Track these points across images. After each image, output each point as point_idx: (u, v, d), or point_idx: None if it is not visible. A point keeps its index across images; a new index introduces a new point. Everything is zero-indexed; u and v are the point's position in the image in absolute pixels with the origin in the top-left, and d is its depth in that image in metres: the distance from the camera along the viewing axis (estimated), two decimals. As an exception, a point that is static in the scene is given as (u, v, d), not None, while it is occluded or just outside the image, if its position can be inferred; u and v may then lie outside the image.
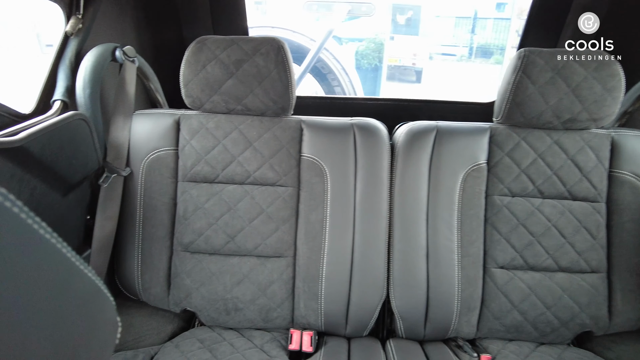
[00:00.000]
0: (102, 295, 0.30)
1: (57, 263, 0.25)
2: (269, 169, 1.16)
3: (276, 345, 1.14)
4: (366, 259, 1.14)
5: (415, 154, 1.15)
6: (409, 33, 7.87)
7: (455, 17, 9.93)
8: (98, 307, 0.30)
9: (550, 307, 1.14)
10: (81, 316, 0.27)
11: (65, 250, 0.26)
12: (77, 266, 0.27)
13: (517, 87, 1.10)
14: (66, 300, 0.25)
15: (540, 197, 1.15)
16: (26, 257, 0.22)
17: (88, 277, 0.28)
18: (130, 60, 1.20)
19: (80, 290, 0.27)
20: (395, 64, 7.60)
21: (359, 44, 7.16)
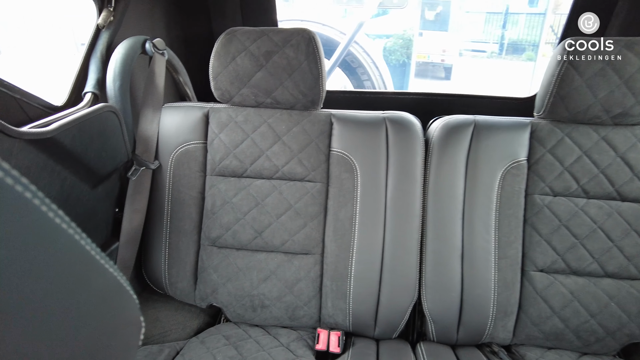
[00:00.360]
0: (124, 293, 0.28)
1: (76, 256, 0.22)
2: (298, 163, 1.13)
3: (302, 344, 1.11)
4: (397, 259, 1.09)
5: (452, 149, 1.10)
6: (438, 29, 7.72)
7: (485, 13, 9.68)
8: (120, 306, 0.27)
9: (595, 315, 1.07)
10: (101, 315, 0.25)
11: (85, 242, 0.23)
12: (97, 260, 0.24)
13: (562, 79, 1.03)
14: (84, 297, 0.23)
15: (585, 197, 1.08)
16: (39, 247, 0.19)
17: (110, 272, 0.25)
18: (160, 53, 1.20)
19: (100, 286, 0.25)
20: (423, 60, 7.46)
21: (387, 40, 7.06)
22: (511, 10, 9.20)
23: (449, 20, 7.98)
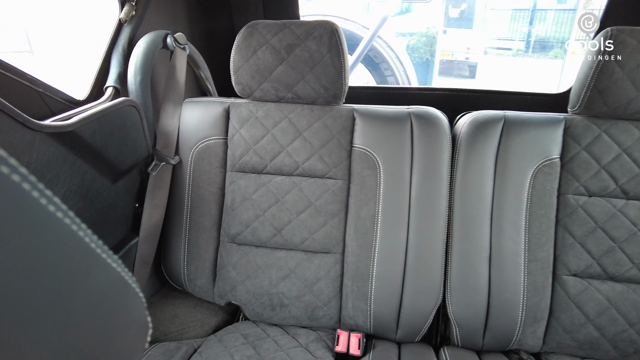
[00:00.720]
0: (129, 290, 0.25)
1: (72, 249, 0.20)
2: (319, 160, 1.10)
3: (322, 345, 1.08)
4: (421, 260, 1.05)
5: (480, 146, 1.05)
6: (463, 26, 7.57)
7: (511, 10, 9.43)
8: (124, 304, 0.25)
9: (634, 324, 1.00)
10: (102, 314, 0.22)
11: (84, 234, 0.21)
12: (98, 254, 0.22)
13: (601, 71, 0.97)
14: (82, 293, 0.20)
15: (624, 197, 1.02)
16: (27, 236, 0.17)
17: (112, 267, 0.23)
18: (181, 47, 1.19)
19: (101, 282, 0.22)
20: (447, 58, 7.33)
21: (410, 38, 6.96)
22: (539, 7, 8.94)
23: (473, 18, 7.82)
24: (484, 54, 8.14)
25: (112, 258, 0.23)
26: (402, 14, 7.44)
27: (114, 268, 0.23)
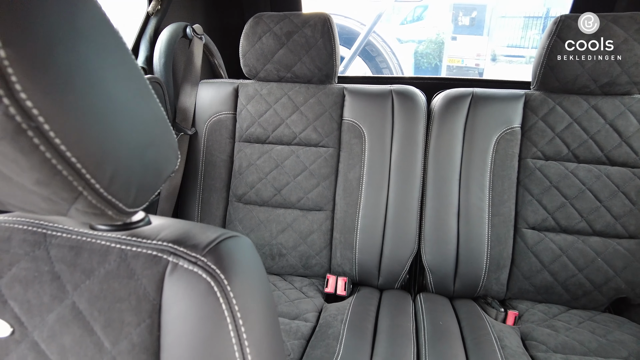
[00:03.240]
0: (168, 124, 0.42)
1: (142, 81, 0.38)
2: (313, 131, 1.29)
3: (314, 288, 1.25)
4: (399, 215, 1.22)
5: (451, 117, 1.22)
6: (473, 33, 7.68)
7: (523, 17, 9.51)
8: (164, 130, 0.41)
9: (582, 269, 1.15)
10: (155, 122, 0.40)
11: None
12: (150, 90, 0.40)
13: (552, 51, 1.14)
14: (147, 106, 0.38)
15: (575, 161, 1.17)
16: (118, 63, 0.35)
17: (158, 104, 0.40)
18: (199, 37, 1.39)
19: (155, 109, 0.39)
20: (457, 64, 7.45)
21: (419, 45, 7.12)
22: (552, 14, 8.99)
23: (484, 25, 7.93)
24: (493, 61, 8.25)
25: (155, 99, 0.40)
26: (414, 21, 7.62)
27: (159, 105, 0.40)
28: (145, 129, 0.37)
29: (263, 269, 0.44)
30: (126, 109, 0.34)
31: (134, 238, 0.41)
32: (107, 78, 0.32)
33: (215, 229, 0.44)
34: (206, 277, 0.37)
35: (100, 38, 0.32)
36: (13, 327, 0.41)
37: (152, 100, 0.38)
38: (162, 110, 0.40)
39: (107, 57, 0.32)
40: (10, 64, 0.25)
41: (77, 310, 0.39)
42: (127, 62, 0.35)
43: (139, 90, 0.36)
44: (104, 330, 0.39)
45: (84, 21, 0.30)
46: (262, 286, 0.43)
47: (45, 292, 0.40)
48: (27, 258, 0.41)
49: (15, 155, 0.27)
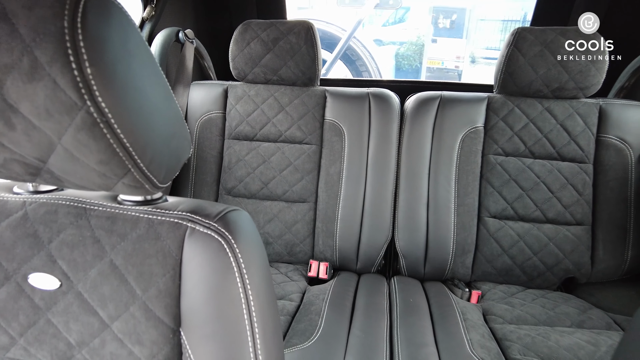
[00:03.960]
0: (183, 119, 0.53)
1: (164, 84, 0.49)
2: (297, 129, 1.40)
3: (298, 273, 1.37)
4: (375, 205, 1.35)
5: (422, 117, 1.36)
6: (453, 36, 7.90)
7: (501, 21, 9.80)
8: (181, 124, 0.52)
9: (536, 252, 1.30)
10: (177, 119, 0.50)
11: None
12: (172, 93, 0.50)
13: (510, 59, 1.28)
14: (170, 106, 0.48)
15: (531, 157, 1.32)
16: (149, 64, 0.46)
17: (177, 105, 0.51)
18: (190, 41, 1.50)
19: (175, 109, 0.50)
20: (437, 66, 7.66)
21: (400, 47, 7.30)
22: (528, 18, 9.28)
23: (463, 28, 8.15)
24: (472, 63, 8.50)
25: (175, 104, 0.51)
26: (396, 23, 7.80)
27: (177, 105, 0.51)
28: (170, 123, 0.48)
29: (258, 234, 0.56)
30: (159, 109, 0.45)
31: (158, 210, 0.52)
32: (146, 85, 0.43)
33: (220, 205, 0.55)
34: (218, 238, 0.49)
35: (141, 55, 0.43)
36: (61, 282, 0.51)
37: (173, 102, 0.49)
38: (179, 110, 0.51)
39: (146, 69, 0.44)
40: (93, 78, 0.36)
41: (114, 265, 0.50)
42: (157, 73, 0.46)
43: (165, 94, 0.47)
44: (136, 281, 0.50)
45: (131, 43, 0.41)
46: (259, 246, 0.54)
47: (88, 252, 0.51)
48: (72, 226, 0.51)
49: (89, 141, 0.38)
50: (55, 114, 0.37)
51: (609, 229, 1.28)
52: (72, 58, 0.35)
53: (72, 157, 0.41)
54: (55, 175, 0.44)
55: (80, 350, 0.53)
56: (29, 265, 0.52)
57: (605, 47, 1.23)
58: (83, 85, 0.36)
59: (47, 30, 0.35)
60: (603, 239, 1.28)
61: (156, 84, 0.46)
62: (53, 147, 0.40)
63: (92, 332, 0.52)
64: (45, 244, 0.52)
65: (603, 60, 1.24)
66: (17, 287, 0.53)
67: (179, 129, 0.50)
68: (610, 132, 1.28)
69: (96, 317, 0.51)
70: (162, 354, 0.51)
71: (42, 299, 0.52)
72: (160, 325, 0.50)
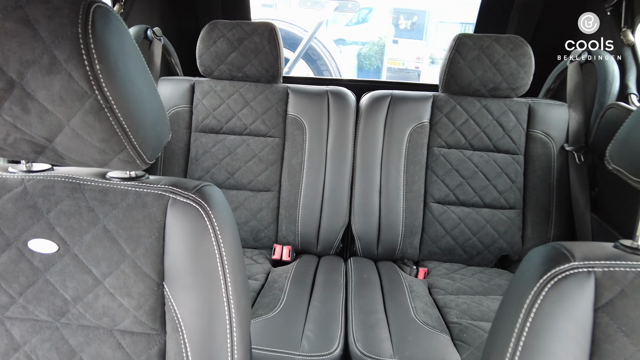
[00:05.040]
0: (164, 111, 0.63)
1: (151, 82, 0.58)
2: (262, 123, 1.51)
3: (263, 257, 1.48)
4: (333, 193, 1.48)
5: (375, 113, 1.49)
6: (413, 37, 8.19)
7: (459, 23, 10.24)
8: (163, 114, 0.62)
9: (475, 233, 1.47)
10: (160, 108, 0.60)
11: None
12: (155, 86, 0.60)
13: (452, 62, 1.44)
14: (154, 97, 0.58)
15: (471, 149, 1.49)
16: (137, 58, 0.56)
17: (159, 96, 0.61)
18: (158, 39, 1.57)
19: (158, 103, 0.60)
20: (398, 67, 7.92)
21: (362, 47, 7.50)
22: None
23: (424, 30, 8.47)
24: (432, 64, 8.85)
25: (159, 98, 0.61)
26: (359, 23, 8.00)
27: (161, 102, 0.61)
28: (156, 111, 0.58)
29: (227, 204, 0.66)
30: (147, 99, 0.55)
31: (143, 184, 0.62)
32: (138, 79, 0.53)
33: (195, 181, 0.65)
34: (196, 206, 0.59)
35: (133, 55, 0.53)
36: (59, 246, 0.60)
37: (157, 94, 0.59)
38: (161, 101, 0.61)
39: (137, 66, 0.53)
40: (101, 72, 0.46)
41: (107, 230, 0.59)
42: (145, 69, 0.56)
43: (151, 87, 0.57)
44: (126, 242, 0.59)
45: (127, 45, 0.51)
46: (229, 213, 0.65)
47: (83, 219, 0.60)
48: (69, 198, 0.60)
49: (94, 123, 0.48)
50: (68, 101, 0.47)
51: (536, 211, 1.47)
52: (85, 57, 0.45)
53: (78, 136, 0.50)
54: (59, 152, 0.53)
55: (75, 305, 0.62)
56: (29, 233, 0.60)
57: (531, 53, 1.41)
58: (93, 78, 0.46)
59: (64, 34, 0.44)
60: (531, 220, 1.47)
61: (145, 79, 0.56)
62: (61, 127, 0.50)
63: (87, 288, 0.61)
64: (44, 213, 0.60)
65: (530, 65, 1.42)
66: (18, 252, 0.61)
67: (161, 116, 0.60)
68: (537, 128, 1.47)
69: (90, 275, 0.60)
70: (148, 304, 0.61)
71: (41, 262, 0.61)
72: (146, 279, 0.60)
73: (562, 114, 1.48)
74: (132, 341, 0.63)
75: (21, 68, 0.46)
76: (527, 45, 1.42)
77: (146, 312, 0.61)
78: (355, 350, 1.02)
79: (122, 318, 0.62)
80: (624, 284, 0.51)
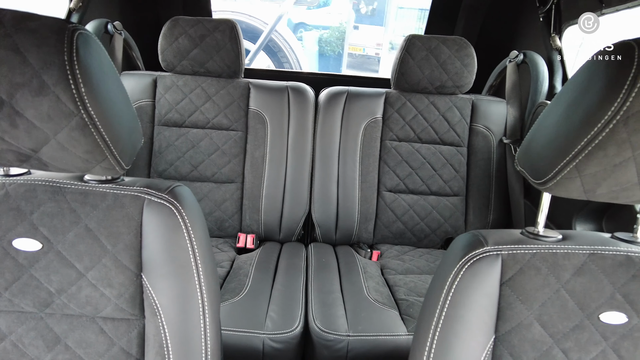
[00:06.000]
0: (137, 119, 0.70)
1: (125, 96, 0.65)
2: (224, 117, 1.57)
3: (227, 245, 1.56)
4: (295, 184, 1.57)
5: (332, 109, 1.59)
6: (374, 23, 8.30)
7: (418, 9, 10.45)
8: (137, 122, 0.69)
9: (423, 219, 1.62)
10: (134, 117, 0.67)
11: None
12: (128, 97, 0.67)
13: (402, 61, 1.56)
14: (129, 108, 0.65)
15: (419, 142, 1.62)
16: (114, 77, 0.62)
17: (132, 106, 0.68)
18: (119, 33, 1.58)
19: (131, 109, 0.67)
20: (359, 52, 8.03)
21: (324, 32, 7.53)
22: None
23: (384, 16, 8.59)
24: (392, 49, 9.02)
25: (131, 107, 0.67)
26: (320, 7, 8.01)
27: (134, 110, 0.68)
28: (130, 121, 0.65)
29: (197, 202, 0.75)
30: (123, 111, 0.62)
31: (120, 186, 0.69)
32: (116, 94, 0.60)
33: (167, 181, 0.73)
34: (169, 206, 0.67)
35: (110, 72, 0.60)
36: (42, 244, 0.67)
37: (130, 103, 0.66)
38: (134, 109, 0.68)
39: (113, 82, 0.60)
40: (86, 94, 0.53)
41: (88, 228, 0.66)
42: (119, 82, 0.63)
43: (125, 98, 0.64)
44: (107, 239, 0.67)
45: (104, 65, 0.58)
46: (199, 210, 0.73)
47: (66, 219, 0.66)
48: (51, 200, 0.66)
49: (80, 137, 0.55)
50: (55, 118, 0.53)
51: (477, 198, 1.63)
52: (71, 81, 0.52)
53: (63, 148, 0.57)
54: (43, 161, 0.60)
55: (59, 297, 0.69)
56: (14, 233, 0.66)
57: (474, 54, 1.55)
58: (79, 100, 0.53)
59: (52, 61, 0.51)
60: (473, 206, 1.63)
61: (119, 92, 0.63)
62: (47, 140, 0.56)
63: (70, 281, 0.68)
64: (27, 215, 0.66)
65: (473, 65, 1.56)
66: (3, 250, 0.67)
67: (135, 124, 0.68)
68: (479, 122, 1.62)
69: (73, 269, 0.67)
70: (128, 292, 0.69)
71: (26, 259, 0.67)
72: (126, 271, 0.68)
73: (501, 109, 1.64)
74: (114, 326, 0.71)
75: (11, 89, 0.52)
76: (471, 47, 1.55)
77: (126, 300, 0.69)
78: (314, 327, 1.14)
79: (104, 306, 0.69)
80: (522, 263, 0.65)
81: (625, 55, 0.50)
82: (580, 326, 0.65)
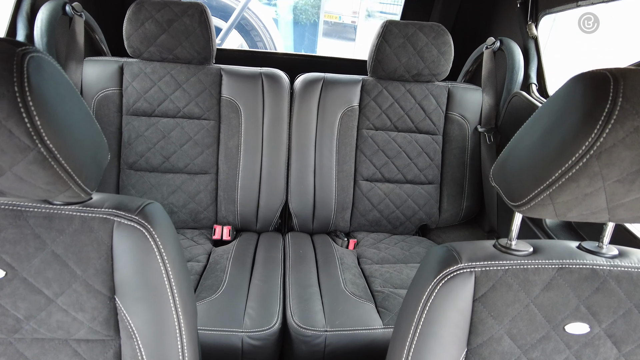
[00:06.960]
0: (102, 136, 0.66)
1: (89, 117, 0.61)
2: (195, 105, 1.52)
3: (203, 237, 1.55)
4: (271, 174, 1.55)
5: (308, 97, 1.56)
6: (349, -10, 8.06)
7: (395, -24, 10.21)
8: (101, 140, 0.65)
9: (398, 207, 1.64)
10: (98, 136, 0.63)
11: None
12: (92, 116, 0.63)
13: (379, 49, 1.52)
14: (93, 128, 0.61)
15: (395, 130, 1.62)
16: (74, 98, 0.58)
17: (96, 123, 0.64)
18: (79, 15, 1.48)
19: (96, 128, 0.63)
20: (335, 20, 7.84)
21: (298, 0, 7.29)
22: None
23: (360, -18, 8.35)
24: (369, 17, 8.84)
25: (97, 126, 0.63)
26: (293, -28, 7.70)
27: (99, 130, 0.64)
28: (94, 140, 0.61)
29: (170, 220, 0.73)
30: (86, 132, 0.58)
31: (87, 208, 0.66)
32: (76, 116, 0.56)
33: (137, 199, 0.70)
34: (140, 228, 0.65)
35: (68, 93, 0.55)
36: (6, 271, 0.64)
37: (92, 119, 0.62)
38: (97, 125, 0.64)
39: (72, 103, 0.56)
40: (42, 126, 0.49)
41: (56, 254, 0.64)
42: (79, 99, 0.58)
43: (87, 116, 0.60)
44: (76, 264, 0.64)
45: (61, 86, 0.53)
46: (171, 229, 0.71)
47: (30, 246, 0.63)
48: (12, 226, 0.63)
49: (38, 171, 0.51)
50: (9, 153, 0.50)
51: (451, 186, 1.66)
52: (24, 115, 0.48)
53: (21, 180, 0.53)
54: (0, 190, 0.56)
55: (28, 322, 0.67)
56: None
57: (451, 42, 1.53)
58: (34, 133, 0.49)
59: (2, 94, 0.47)
60: (447, 194, 1.66)
61: (80, 111, 0.58)
62: (3, 173, 0.52)
63: (39, 307, 0.66)
64: None
65: (450, 52, 1.54)
66: None
67: (99, 141, 0.64)
68: (454, 110, 1.62)
69: (42, 295, 0.65)
70: (102, 316, 0.67)
71: None
72: (98, 295, 0.66)
73: (477, 97, 1.64)
74: (88, 348, 0.70)
75: None
76: (448, 35, 1.53)
77: (100, 322, 0.68)
78: (292, 324, 1.16)
79: (77, 330, 0.68)
80: (494, 279, 0.66)
81: (600, 89, 0.50)
82: (546, 337, 0.68)
